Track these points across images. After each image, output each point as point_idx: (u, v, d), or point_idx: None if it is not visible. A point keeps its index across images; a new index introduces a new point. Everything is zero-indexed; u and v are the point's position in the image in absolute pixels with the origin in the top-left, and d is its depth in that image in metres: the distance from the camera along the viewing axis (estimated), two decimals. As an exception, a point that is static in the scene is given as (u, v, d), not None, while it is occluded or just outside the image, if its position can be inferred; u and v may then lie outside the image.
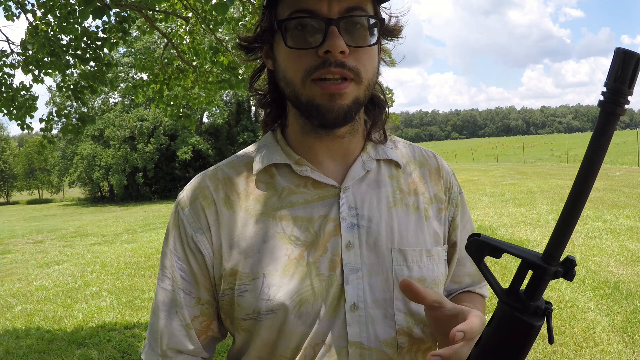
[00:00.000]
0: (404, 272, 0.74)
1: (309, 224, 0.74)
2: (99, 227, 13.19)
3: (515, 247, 0.52)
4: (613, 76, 0.42)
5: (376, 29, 0.71)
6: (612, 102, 0.43)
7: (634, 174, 14.42)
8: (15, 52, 4.30)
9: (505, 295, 0.52)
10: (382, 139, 0.82)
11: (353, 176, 0.77)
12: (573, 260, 0.49)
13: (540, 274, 0.49)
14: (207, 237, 0.75)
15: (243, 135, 26.66)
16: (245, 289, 0.72)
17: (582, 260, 5.58)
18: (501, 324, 0.52)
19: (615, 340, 3.53)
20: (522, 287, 0.52)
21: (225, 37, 8.74)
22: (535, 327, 0.50)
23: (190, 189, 0.79)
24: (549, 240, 0.49)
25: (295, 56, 0.69)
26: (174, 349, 0.76)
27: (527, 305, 0.50)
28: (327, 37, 0.66)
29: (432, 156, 0.87)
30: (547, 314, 0.51)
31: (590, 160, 0.45)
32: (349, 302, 0.71)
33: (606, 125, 0.43)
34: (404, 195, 0.80)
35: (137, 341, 4.12)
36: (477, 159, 39.35)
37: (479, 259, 0.54)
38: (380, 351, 0.72)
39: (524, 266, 0.50)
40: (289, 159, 0.77)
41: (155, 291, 0.79)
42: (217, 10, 3.54)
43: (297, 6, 0.68)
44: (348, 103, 0.70)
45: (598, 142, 0.44)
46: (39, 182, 37.91)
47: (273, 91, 0.79)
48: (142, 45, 22.81)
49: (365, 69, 0.70)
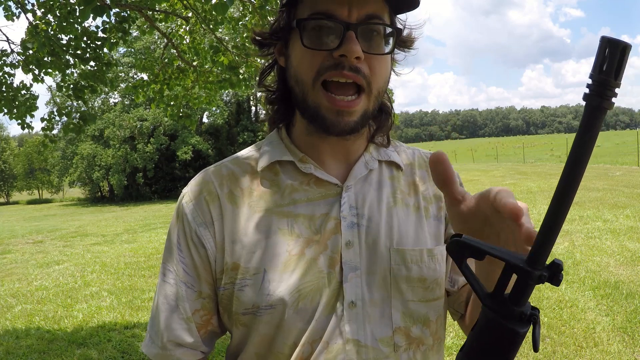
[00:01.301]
0: (402, 271, 0.75)
1: (311, 221, 0.75)
2: (99, 227, 13.19)
3: (499, 249, 0.49)
4: (598, 67, 0.39)
5: (392, 38, 0.72)
6: (598, 95, 0.40)
7: (634, 174, 14.42)
8: (15, 51, 4.30)
9: (489, 299, 0.49)
10: (385, 143, 0.83)
11: (355, 175, 0.78)
12: (560, 264, 0.46)
13: (524, 278, 0.46)
14: (210, 232, 0.76)
15: (243, 135, 26.67)
16: (246, 283, 0.73)
17: (582, 260, 5.58)
18: (485, 329, 0.49)
19: (615, 340, 3.53)
20: (507, 290, 0.49)
21: (225, 37, 8.74)
22: (520, 334, 0.48)
23: (195, 183, 0.80)
24: (534, 243, 0.46)
25: (310, 55, 0.70)
26: (174, 342, 0.76)
27: (512, 311, 0.48)
28: (344, 41, 0.67)
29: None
30: (532, 320, 0.48)
31: (576, 158, 0.42)
32: (347, 299, 0.72)
33: (592, 120, 0.40)
34: (404, 195, 0.81)
35: (137, 341, 4.12)
36: (477, 159, 39.35)
37: (460, 260, 0.51)
38: (376, 349, 0.73)
39: (508, 269, 0.48)
40: (293, 156, 0.78)
41: (158, 284, 0.80)
42: (217, 10, 3.54)
43: (317, 8, 0.69)
44: (356, 119, 0.71)
45: (583, 138, 0.41)
46: (39, 182, 37.93)
47: (282, 88, 0.80)
48: (142, 45, 22.82)
49: (376, 78, 0.71)
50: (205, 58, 4.94)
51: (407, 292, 0.75)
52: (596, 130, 0.41)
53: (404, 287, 0.75)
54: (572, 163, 0.42)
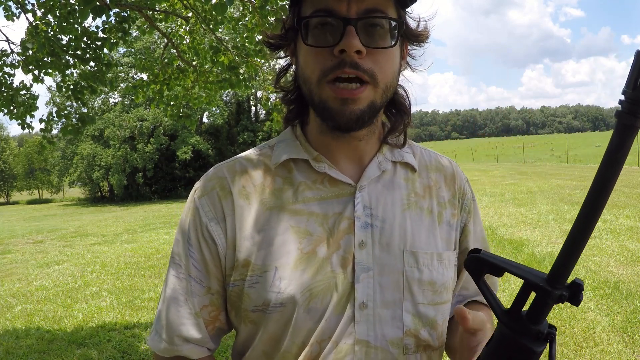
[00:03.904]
0: (415, 274, 0.75)
1: (324, 220, 0.74)
2: (99, 227, 13.19)
3: (518, 265, 0.48)
4: (633, 83, 0.37)
5: (396, 31, 0.71)
6: (630, 114, 0.37)
7: (634, 174, 14.42)
8: (15, 52, 4.30)
9: (506, 316, 0.49)
10: (400, 144, 0.82)
11: (369, 176, 0.77)
12: (580, 284, 0.45)
13: (544, 297, 0.45)
14: (221, 227, 0.75)
15: (243, 135, 26.66)
16: (257, 280, 0.73)
17: (582, 260, 5.58)
18: (500, 346, 0.49)
19: (615, 340, 3.53)
20: (524, 307, 0.49)
21: (225, 37, 8.74)
22: (536, 353, 0.47)
23: (208, 179, 0.80)
24: (555, 261, 0.45)
25: (314, 55, 0.70)
26: (181, 337, 0.75)
27: (528, 329, 0.47)
28: (343, 36, 0.67)
29: (447, 163, 0.88)
30: (549, 339, 0.47)
31: (605, 176, 0.39)
32: (359, 300, 0.72)
33: (623, 138, 0.38)
34: (418, 198, 0.80)
35: (137, 341, 4.12)
36: (477, 159, 39.34)
37: (478, 276, 0.51)
38: (386, 351, 0.72)
39: (527, 287, 0.47)
40: (307, 154, 0.78)
41: (166, 278, 0.79)
42: (217, 10, 3.54)
43: (318, 5, 0.69)
44: (362, 108, 0.70)
45: (614, 156, 0.39)
46: (39, 182, 37.92)
47: (297, 88, 0.80)
48: (142, 45, 22.81)
49: (382, 72, 0.70)
50: (205, 58, 4.94)
51: (418, 295, 0.75)
52: (627, 149, 0.39)
53: (416, 290, 0.75)
54: (600, 182, 0.40)
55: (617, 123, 0.38)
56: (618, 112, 0.38)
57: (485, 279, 0.52)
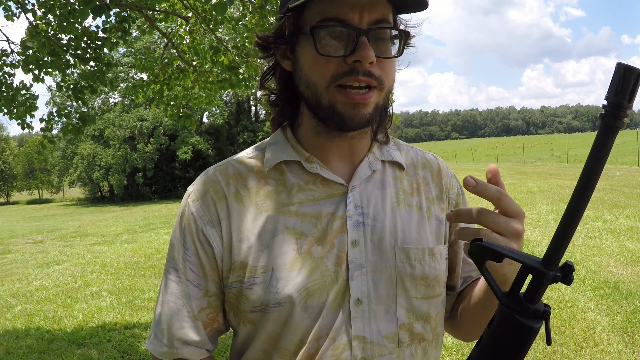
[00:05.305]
0: (407, 269, 0.77)
1: (317, 220, 0.76)
2: (99, 227, 13.19)
3: (516, 252, 0.54)
4: (614, 90, 0.44)
5: (398, 40, 0.75)
6: (612, 116, 0.44)
7: (634, 174, 14.43)
8: (15, 51, 4.30)
9: (506, 297, 0.54)
10: (385, 140, 0.84)
11: (360, 176, 0.80)
12: (571, 265, 0.51)
13: (540, 278, 0.51)
14: (217, 231, 0.77)
15: (243, 135, 26.66)
16: (254, 281, 0.74)
17: (582, 260, 5.58)
18: (501, 325, 0.54)
19: (615, 340, 3.53)
20: (521, 290, 0.54)
21: (225, 37, 8.74)
22: (534, 329, 0.52)
23: (201, 182, 0.81)
24: (549, 246, 0.51)
25: (323, 62, 0.71)
26: (181, 340, 0.77)
27: (526, 308, 0.52)
28: (357, 47, 0.69)
29: (433, 159, 0.91)
30: (545, 316, 0.53)
31: (590, 170, 0.46)
32: (354, 297, 0.74)
33: (606, 137, 0.45)
34: (407, 195, 0.83)
35: (137, 341, 4.12)
36: (477, 159, 39.35)
37: (480, 263, 0.56)
38: (381, 345, 0.75)
39: (524, 270, 0.53)
40: (299, 156, 0.79)
41: (163, 282, 0.80)
42: (217, 10, 3.54)
43: (328, 14, 0.70)
44: (370, 111, 0.73)
45: (598, 153, 0.46)
46: (39, 182, 37.94)
47: (285, 90, 0.81)
48: (142, 45, 22.80)
49: (387, 78, 0.74)
50: (205, 58, 4.94)
51: (411, 290, 0.77)
52: (609, 146, 0.46)
53: (409, 285, 0.77)
54: (586, 175, 0.47)
55: (601, 124, 0.45)
56: (602, 114, 0.45)
57: (486, 266, 0.57)
